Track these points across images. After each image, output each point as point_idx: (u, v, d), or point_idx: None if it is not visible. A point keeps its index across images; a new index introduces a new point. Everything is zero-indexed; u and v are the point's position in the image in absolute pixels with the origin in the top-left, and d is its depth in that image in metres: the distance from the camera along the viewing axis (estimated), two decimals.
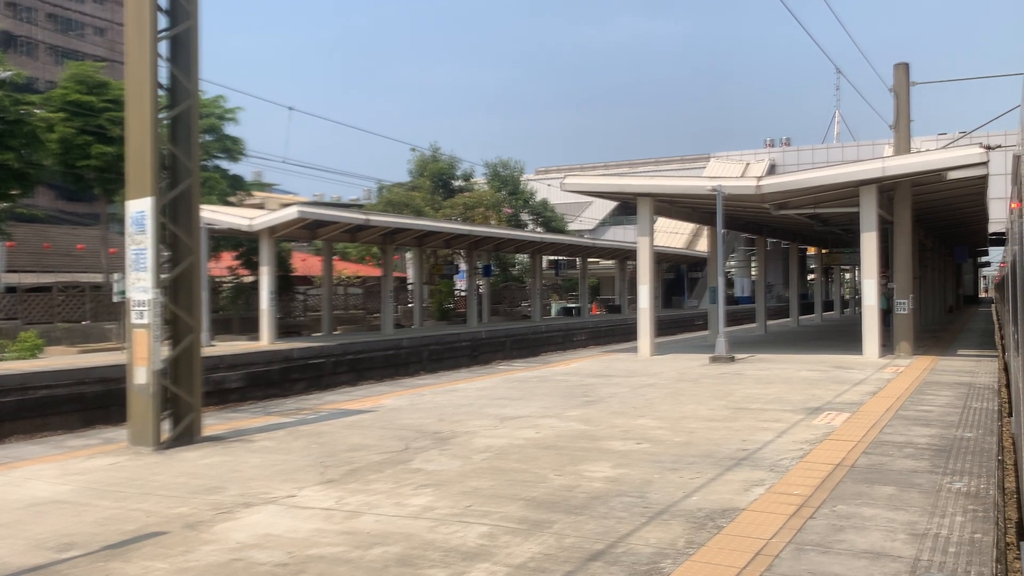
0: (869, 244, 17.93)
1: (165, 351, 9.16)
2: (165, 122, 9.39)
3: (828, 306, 50.47)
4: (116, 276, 21.99)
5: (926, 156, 17.89)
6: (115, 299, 21.71)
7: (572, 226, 57.46)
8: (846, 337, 25.24)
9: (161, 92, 9.26)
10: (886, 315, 20.61)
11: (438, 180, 46.72)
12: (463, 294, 41.67)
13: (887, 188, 18.84)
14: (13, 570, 4.99)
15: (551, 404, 11.78)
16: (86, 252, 42.47)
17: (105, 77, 33.07)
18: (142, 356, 8.87)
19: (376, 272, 43.42)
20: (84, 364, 18.14)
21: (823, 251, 38.85)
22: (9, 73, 26.82)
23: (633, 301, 37.40)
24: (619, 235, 59.59)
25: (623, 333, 37.49)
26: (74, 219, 49.70)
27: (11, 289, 32.56)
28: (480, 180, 51.15)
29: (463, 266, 40.57)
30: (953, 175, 17.34)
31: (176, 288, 9.36)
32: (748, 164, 64.31)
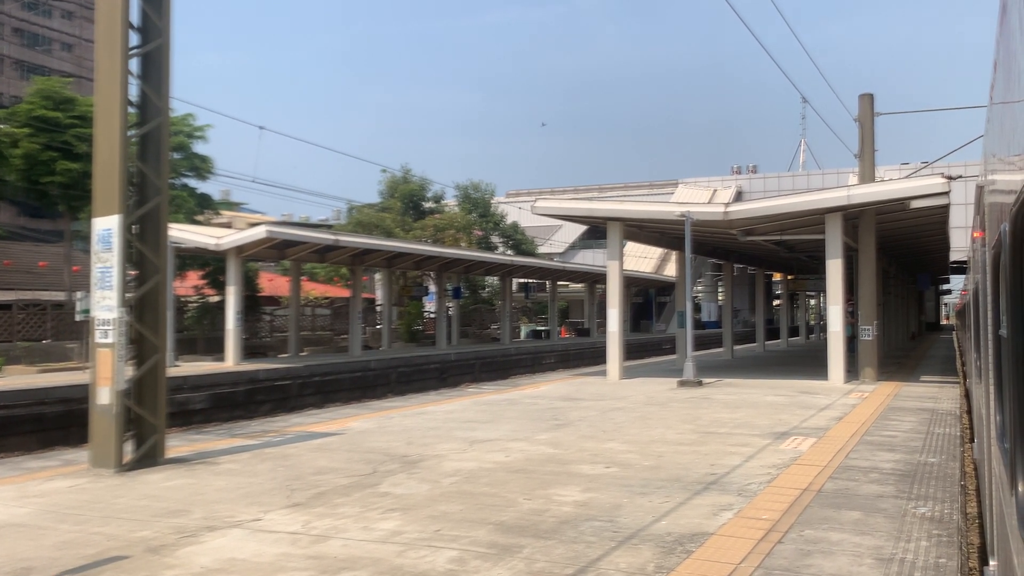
0: (834, 271, 18.19)
1: (129, 371, 9.01)
2: (134, 139, 9.30)
3: (794, 331, 51.04)
4: (79, 294, 21.64)
5: (890, 185, 18.23)
6: (78, 318, 21.34)
7: (542, 249, 57.64)
8: (811, 362, 25.51)
9: (131, 109, 9.18)
10: (851, 341, 20.88)
11: (409, 201, 46.65)
12: (432, 316, 41.49)
13: (852, 216, 19.15)
14: None
15: (520, 427, 11.74)
16: (48, 270, 41.74)
17: (72, 93, 32.70)
18: (106, 376, 8.72)
19: (345, 293, 43.13)
20: (44, 384, 17.78)
21: (789, 277, 39.32)
22: None
23: (602, 324, 37.53)
24: (589, 259, 59.87)
25: (592, 356, 37.59)
26: (37, 236, 48.88)
27: None
28: (451, 202, 51.17)
29: (433, 288, 40.46)
30: (916, 204, 17.68)
31: (142, 307, 9.24)
32: (716, 190, 65.06)
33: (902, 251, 30.20)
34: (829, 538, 5.97)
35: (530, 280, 51.76)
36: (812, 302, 64.02)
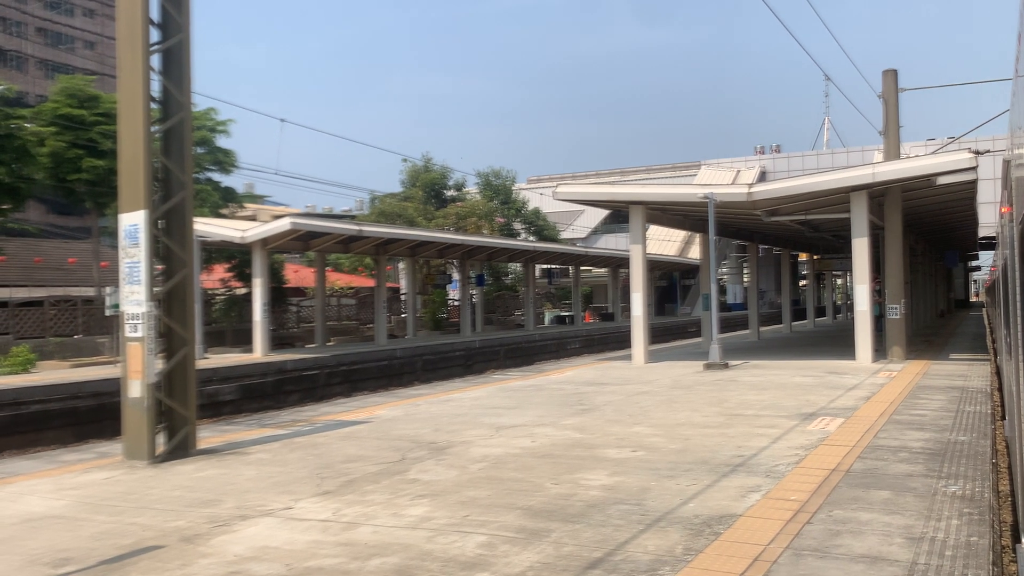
0: (860, 250, 18.02)
1: (159, 364, 9.14)
2: (158, 135, 9.38)
3: (820, 312, 50.65)
4: (108, 290, 21.93)
5: (916, 162, 18.00)
6: (107, 312, 21.64)
7: (564, 235, 57.56)
8: (839, 342, 25.32)
9: (153, 105, 9.27)
10: (878, 320, 20.70)
11: (430, 190, 46.74)
12: (456, 304, 41.63)
13: (877, 194, 18.94)
14: None
15: (546, 413, 11.78)
16: (77, 266, 42.32)
17: (96, 90, 33.05)
18: (136, 369, 8.85)
19: (369, 283, 43.37)
20: (77, 378, 18.07)
21: (815, 257, 39.01)
22: (0, 88, 26.75)
23: (626, 309, 37.47)
24: (611, 243, 59.72)
25: (617, 341, 37.53)
26: (65, 233, 49.54)
27: (2, 303, 32.40)
28: (472, 190, 51.20)
29: (456, 276, 40.58)
30: (943, 180, 17.44)
31: (170, 301, 9.35)
32: (739, 171, 64.56)
33: (929, 228, 29.82)
34: (858, 518, 5.95)
35: (553, 266, 51.74)
36: (839, 282, 63.42)
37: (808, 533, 5.61)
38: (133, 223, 8.94)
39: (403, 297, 42.31)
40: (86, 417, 17.13)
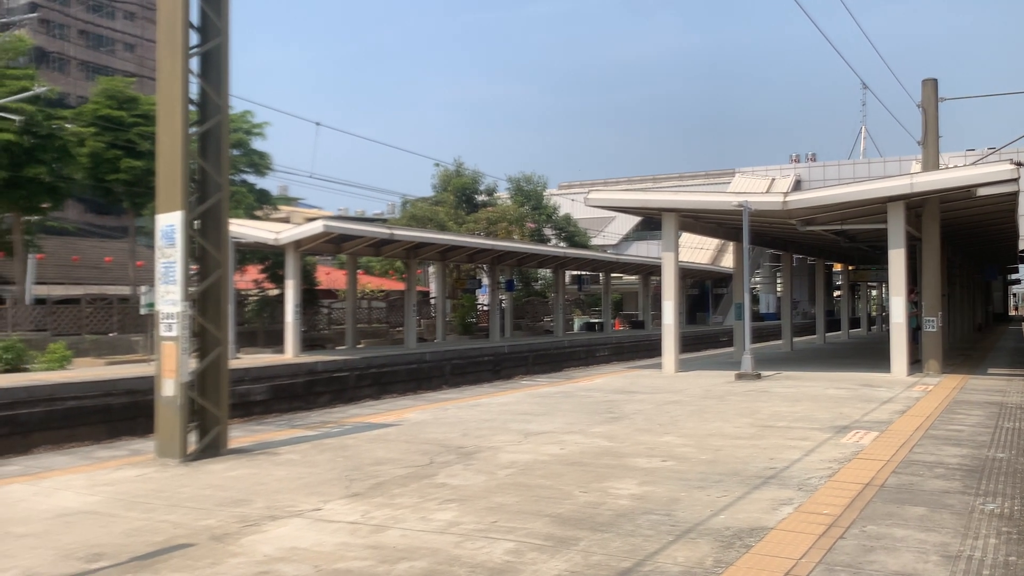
0: (897, 261, 17.76)
1: (193, 363, 9.23)
2: (195, 137, 9.49)
3: (855, 323, 50.00)
4: (143, 289, 22.24)
5: (955, 172, 17.71)
6: (142, 311, 21.93)
7: (595, 241, 57.41)
8: (874, 355, 24.97)
9: (191, 107, 9.38)
10: (915, 333, 20.38)
11: (461, 195, 46.88)
12: (486, 308, 41.67)
13: (915, 205, 18.66)
14: None
15: (575, 420, 11.73)
16: (114, 265, 42.99)
17: (135, 92, 33.61)
18: (170, 368, 8.94)
19: (399, 286, 43.58)
20: (111, 376, 18.33)
21: (850, 268, 38.53)
22: (42, 89, 27.29)
23: (657, 317, 37.23)
24: (642, 250, 59.45)
25: (647, 349, 37.34)
26: (102, 232, 50.36)
27: (40, 301, 33.02)
28: (503, 195, 51.27)
29: (486, 280, 40.62)
30: (983, 192, 17.14)
31: (204, 301, 9.44)
32: (773, 179, 64.00)
33: (968, 240, 29.32)
34: (893, 534, 5.84)
35: (583, 272, 51.60)
36: (874, 293, 62.60)
37: (841, 548, 5.52)
38: (170, 223, 9.04)
39: (433, 301, 42.47)
40: (119, 414, 17.36)
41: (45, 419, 16.18)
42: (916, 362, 19.44)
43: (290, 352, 24.40)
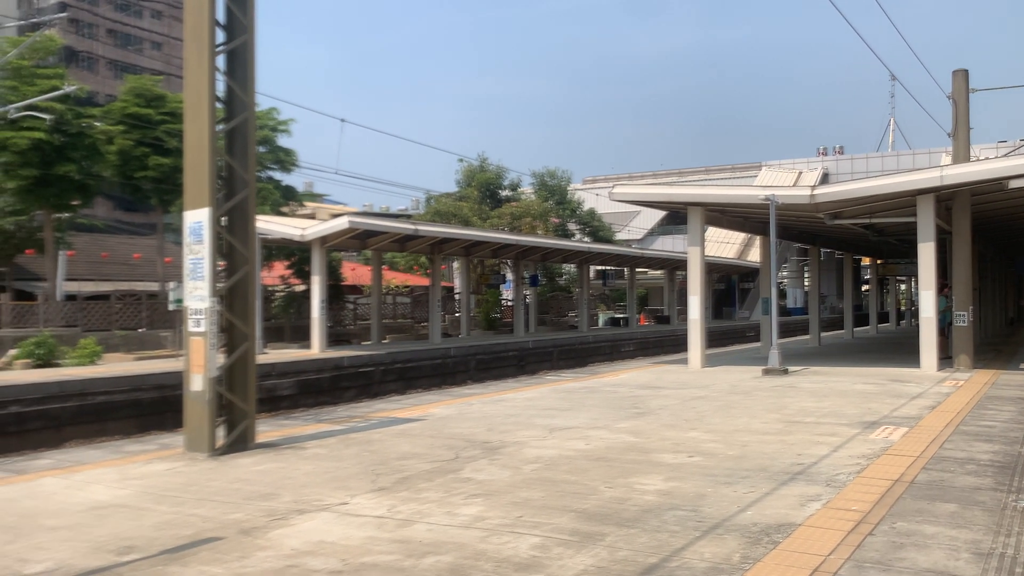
0: (926, 255, 17.53)
1: (221, 358, 9.31)
2: (222, 134, 9.57)
3: (883, 318, 49.45)
4: (172, 285, 22.47)
5: (986, 164, 17.45)
6: (170, 307, 22.17)
7: (620, 236, 57.22)
8: (903, 350, 24.69)
9: (218, 105, 9.45)
10: (946, 327, 20.12)
11: (485, 190, 46.86)
12: (510, 304, 41.68)
13: (945, 197, 18.41)
14: (77, 572, 5.11)
15: (600, 415, 11.70)
16: (142, 261, 43.49)
17: (162, 90, 33.94)
18: (198, 363, 9.03)
19: (424, 282, 43.70)
20: (140, 371, 18.55)
21: (878, 261, 38.09)
22: (72, 88, 27.64)
23: (682, 312, 37.08)
24: (668, 245, 59.16)
25: (672, 344, 37.18)
26: (131, 229, 50.96)
27: (71, 297, 33.47)
28: (527, 190, 51.21)
29: (510, 276, 40.64)
30: (1015, 184, 16.87)
31: (232, 297, 9.52)
32: (801, 173, 63.42)
33: (999, 233, 28.88)
34: (923, 531, 5.77)
35: (608, 267, 51.43)
36: (903, 287, 61.89)
37: (870, 545, 5.46)
38: (197, 220, 9.12)
39: (457, 296, 42.56)
40: (149, 409, 17.58)
41: (76, 414, 16.43)
42: (947, 357, 19.20)
43: (316, 347, 24.56)
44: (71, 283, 37.88)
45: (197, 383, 9.05)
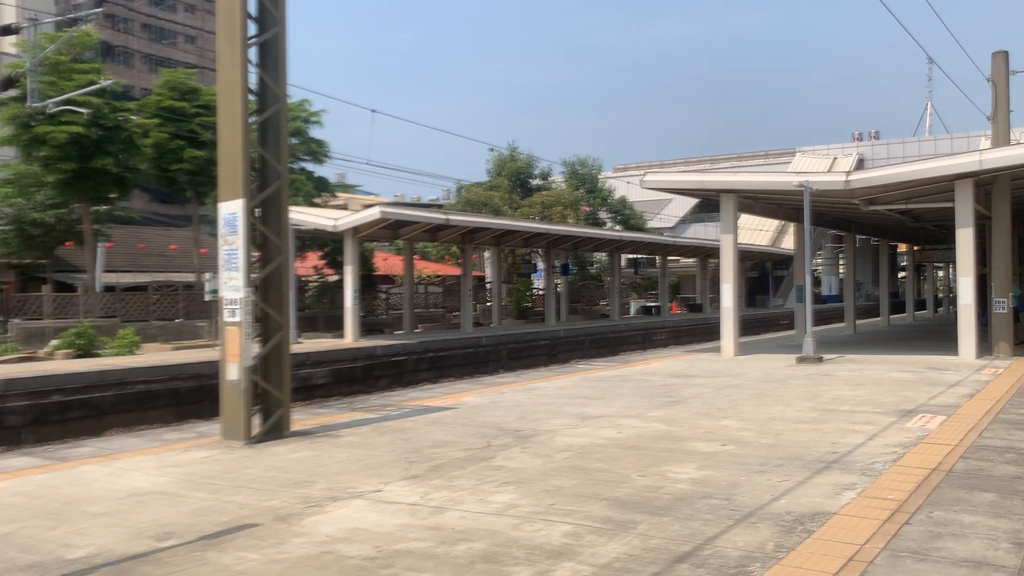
0: (965, 241, 17.23)
1: (256, 348, 9.43)
2: (255, 126, 9.66)
3: (920, 305, 48.72)
4: (207, 276, 22.78)
5: None
6: (206, 298, 22.47)
7: (651, 224, 56.89)
8: (940, 337, 24.31)
9: (251, 97, 9.53)
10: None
11: (516, 179, 46.83)
12: (541, 293, 41.67)
13: (984, 182, 18.07)
14: (118, 557, 5.22)
15: (632, 404, 11.68)
16: (179, 252, 44.06)
17: (196, 83, 34.30)
18: (234, 353, 9.15)
19: (455, 271, 43.83)
20: (178, 360, 18.84)
21: (915, 248, 37.53)
22: (108, 82, 28.03)
23: (715, 300, 36.82)
24: (700, 233, 58.72)
25: (705, 333, 36.93)
26: (167, 221, 51.62)
27: (110, 288, 34.03)
28: (558, 179, 51.08)
29: (541, 265, 40.58)
30: None
31: (266, 287, 9.63)
32: (835, 159, 62.55)
33: None
34: (961, 520, 5.70)
35: (639, 255, 51.18)
36: (940, 274, 60.86)
37: (906, 534, 5.40)
38: (232, 211, 9.23)
39: (488, 286, 42.62)
40: (186, 398, 17.85)
41: (116, 402, 16.73)
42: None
43: (350, 336, 24.75)
44: (110, 275, 38.49)
45: (233, 372, 9.17)
